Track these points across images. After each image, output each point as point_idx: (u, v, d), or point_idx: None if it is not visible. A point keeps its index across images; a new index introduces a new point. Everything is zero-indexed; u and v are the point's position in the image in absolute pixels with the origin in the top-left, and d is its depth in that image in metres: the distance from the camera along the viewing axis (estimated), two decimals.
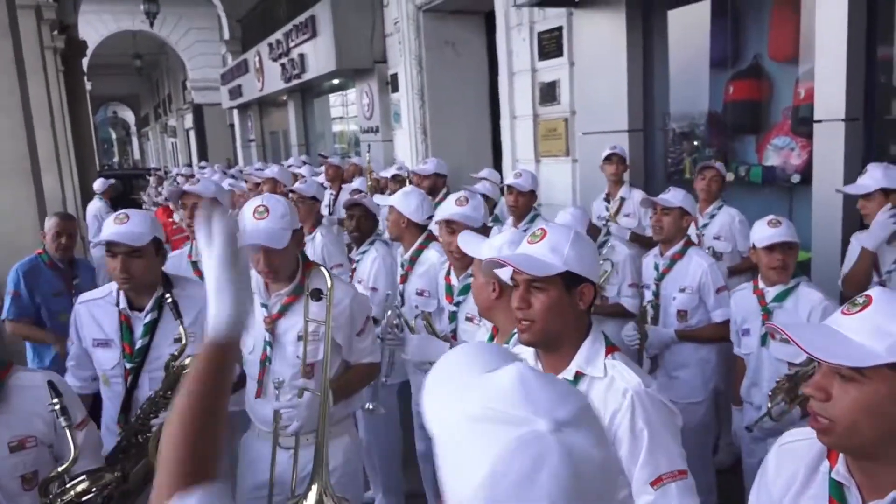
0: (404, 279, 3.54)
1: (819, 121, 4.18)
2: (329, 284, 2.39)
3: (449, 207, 3.10)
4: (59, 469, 1.94)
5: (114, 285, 2.58)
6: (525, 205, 4.49)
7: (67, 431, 1.96)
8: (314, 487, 2.22)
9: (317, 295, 2.38)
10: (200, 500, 1.01)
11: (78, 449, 1.98)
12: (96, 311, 2.59)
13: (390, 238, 3.90)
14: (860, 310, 1.22)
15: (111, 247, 2.45)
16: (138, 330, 2.54)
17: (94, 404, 2.69)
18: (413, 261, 3.53)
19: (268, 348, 2.50)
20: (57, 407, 1.95)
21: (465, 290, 2.96)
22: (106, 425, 2.60)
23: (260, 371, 2.51)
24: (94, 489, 1.92)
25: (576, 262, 1.70)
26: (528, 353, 1.84)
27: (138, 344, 2.53)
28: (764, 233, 2.96)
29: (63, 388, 2.08)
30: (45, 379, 2.06)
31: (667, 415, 1.69)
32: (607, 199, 5.23)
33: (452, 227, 2.99)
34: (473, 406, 0.80)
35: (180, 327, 2.47)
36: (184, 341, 2.45)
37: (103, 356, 2.58)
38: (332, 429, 2.44)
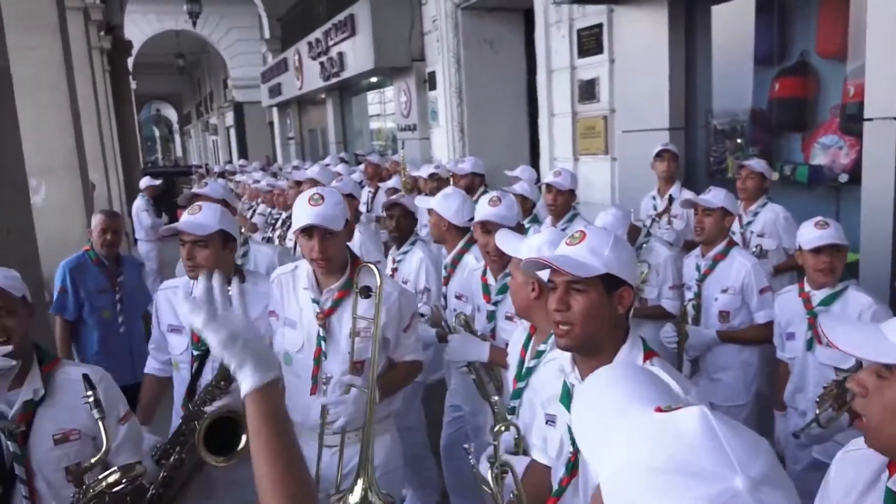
0: (446, 281, 3.54)
1: (870, 119, 4.06)
2: (378, 282, 2.37)
3: (483, 208, 3.09)
4: (93, 460, 1.98)
5: None
6: (564, 204, 4.46)
7: (100, 423, 1.97)
8: (359, 483, 2.22)
9: (366, 292, 2.39)
10: None
11: (111, 440, 2.00)
12: (173, 299, 2.76)
13: (433, 240, 3.90)
14: None
15: (181, 235, 2.62)
16: None
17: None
18: (455, 264, 3.53)
19: (322, 344, 2.51)
20: (91, 399, 1.98)
21: (503, 289, 2.95)
22: (175, 409, 2.74)
23: (314, 367, 2.51)
24: (124, 480, 1.95)
25: (616, 264, 1.67)
26: (565, 358, 1.81)
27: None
28: (811, 234, 2.89)
29: (104, 384, 2.12)
30: (92, 371, 2.12)
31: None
32: (655, 198, 5.14)
33: (487, 227, 2.98)
34: (658, 455, 0.74)
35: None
36: None
37: (175, 341, 2.75)
38: (376, 426, 2.43)
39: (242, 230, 5.65)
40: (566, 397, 1.77)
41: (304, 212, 2.42)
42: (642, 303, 3.77)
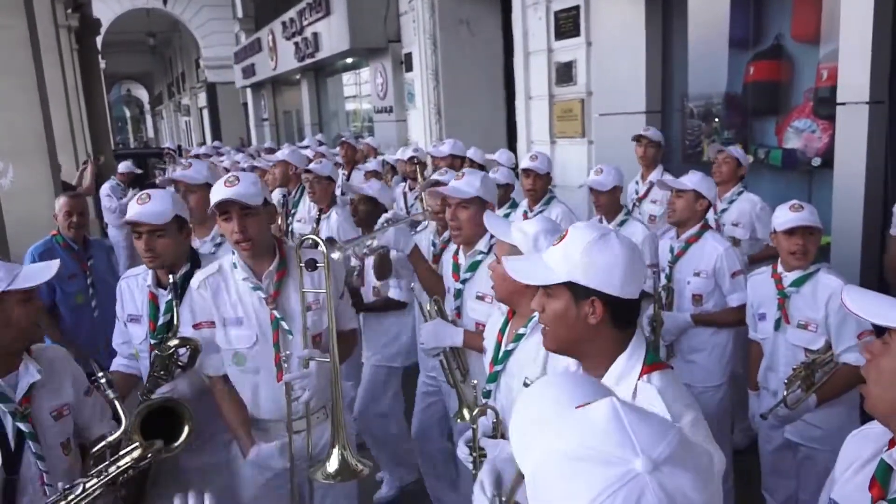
0: (437, 259, 3.49)
1: (842, 103, 4.11)
2: (325, 252, 2.30)
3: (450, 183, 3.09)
4: (110, 438, 2.12)
5: None
6: (542, 188, 4.45)
7: (117, 403, 2.14)
8: (335, 450, 2.23)
9: (312, 265, 2.34)
10: None
11: (126, 417, 2.13)
12: (133, 287, 2.72)
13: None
14: None
15: (135, 227, 2.55)
16: (162, 307, 2.61)
17: None
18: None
19: (280, 324, 2.45)
20: (104, 380, 2.14)
21: (472, 267, 2.94)
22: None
23: (276, 354, 2.46)
24: (148, 455, 2.07)
25: (582, 272, 1.54)
26: (573, 361, 1.74)
27: (160, 321, 2.61)
28: (785, 217, 2.92)
29: (71, 361, 2.28)
30: (56, 348, 2.31)
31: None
32: (638, 183, 5.15)
33: (448, 201, 2.96)
34: (569, 444, 0.79)
35: (175, 307, 2.54)
36: (175, 321, 2.51)
37: (134, 331, 2.71)
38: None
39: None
40: None
41: (219, 191, 2.38)
42: None
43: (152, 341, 2.60)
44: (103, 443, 2.14)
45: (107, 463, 2.05)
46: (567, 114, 6.76)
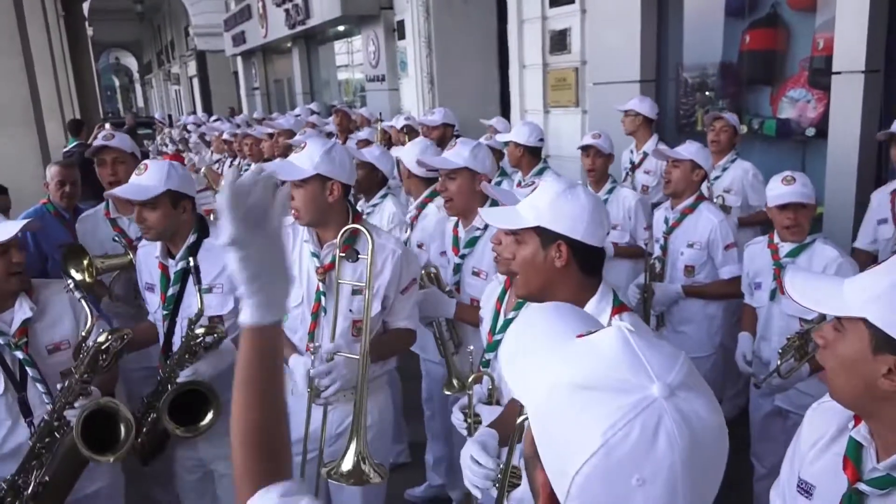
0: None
1: (838, 72, 4.08)
2: (371, 247, 2.23)
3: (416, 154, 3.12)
4: (83, 333, 2.31)
5: None
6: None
7: (83, 303, 2.31)
8: (352, 448, 2.16)
9: (353, 255, 2.32)
10: (283, 491, 1.00)
11: (94, 316, 2.33)
12: (148, 257, 2.70)
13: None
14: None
15: (130, 199, 2.57)
16: (171, 278, 2.62)
17: None
18: (418, 213, 3.50)
19: (322, 299, 2.42)
20: (71, 286, 2.33)
21: (471, 242, 2.93)
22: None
23: (312, 323, 2.43)
24: (110, 338, 2.26)
25: (549, 217, 1.67)
26: None
27: (169, 292, 2.61)
28: (777, 190, 2.90)
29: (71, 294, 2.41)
30: (62, 285, 2.42)
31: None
32: (633, 152, 5.11)
33: (439, 172, 2.94)
34: (578, 373, 0.76)
35: (197, 292, 2.52)
36: (199, 307, 2.47)
37: (150, 300, 2.72)
38: (369, 385, 2.36)
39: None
40: None
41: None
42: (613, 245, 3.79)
43: (164, 312, 2.59)
44: (79, 338, 2.33)
45: (80, 356, 2.25)
46: (561, 83, 6.70)
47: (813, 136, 4.75)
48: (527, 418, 0.80)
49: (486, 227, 2.86)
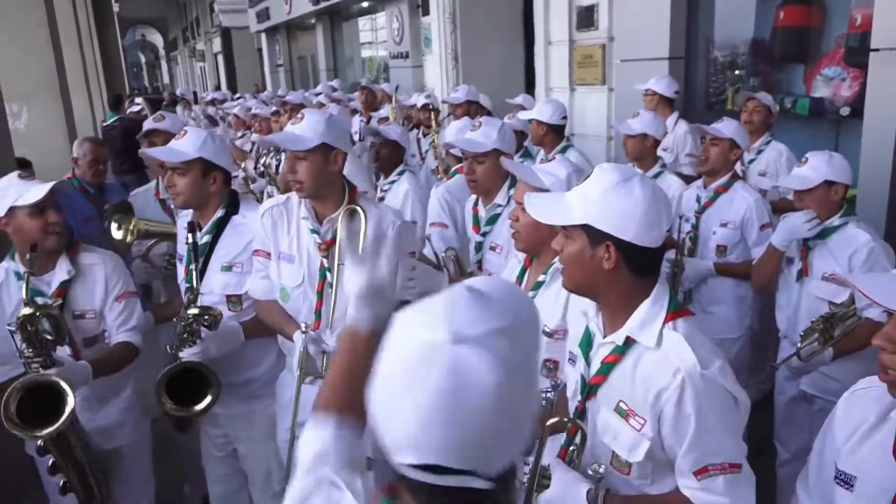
0: None
1: (876, 49, 3.94)
2: (363, 223, 2.23)
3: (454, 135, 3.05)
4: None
5: None
6: (545, 137, 4.34)
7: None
8: None
9: (354, 237, 2.26)
10: (338, 426, 1.15)
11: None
12: (182, 228, 2.69)
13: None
14: None
15: (164, 161, 2.61)
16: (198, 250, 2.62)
17: None
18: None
19: (327, 275, 2.37)
20: None
21: (492, 220, 2.89)
22: None
23: (318, 302, 2.40)
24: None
25: (599, 216, 1.50)
26: (592, 306, 1.70)
27: (192, 265, 2.60)
28: (792, 173, 2.86)
29: (113, 262, 2.60)
30: (101, 256, 2.55)
31: (723, 402, 1.49)
32: None
33: (465, 154, 2.90)
34: (408, 313, 0.87)
35: (195, 271, 2.52)
36: (194, 285, 2.47)
37: (179, 270, 2.74)
38: None
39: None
40: (586, 344, 1.68)
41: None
42: None
43: (186, 285, 2.59)
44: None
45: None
46: (587, 60, 6.57)
47: (847, 116, 4.61)
48: None
49: (508, 202, 2.82)
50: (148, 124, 3.82)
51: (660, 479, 1.58)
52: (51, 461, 2.32)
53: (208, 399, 2.43)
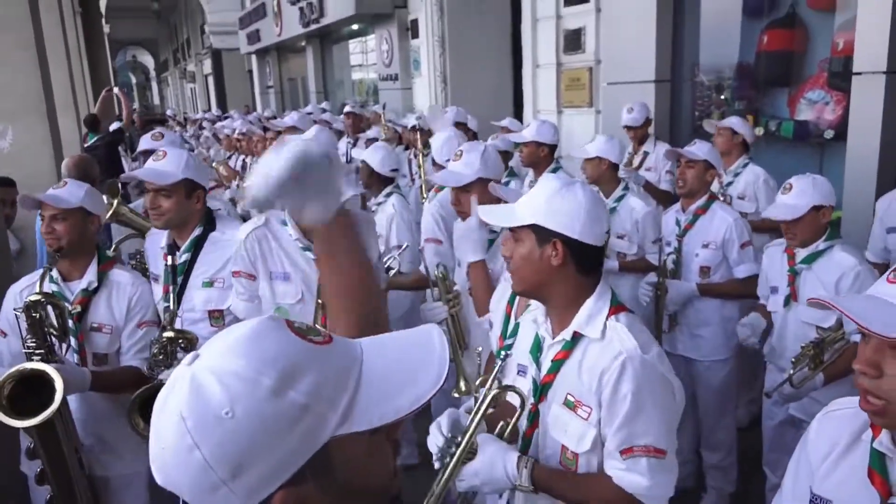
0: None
1: (858, 73, 3.99)
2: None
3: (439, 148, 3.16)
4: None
5: None
6: (545, 159, 4.36)
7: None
8: None
9: None
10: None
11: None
12: (154, 246, 2.71)
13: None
14: None
15: (144, 182, 2.60)
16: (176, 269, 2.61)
17: None
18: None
19: None
20: None
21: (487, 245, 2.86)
22: None
23: (322, 316, 2.41)
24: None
25: (545, 215, 1.64)
26: (539, 310, 1.80)
27: (171, 286, 2.60)
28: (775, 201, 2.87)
29: (140, 288, 2.57)
30: (133, 279, 2.56)
31: (660, 386, 1.59)
32: (630, 153, 5.10)
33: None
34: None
35: (173, 293, 2.52)
36: (171, 306, 2.47)
37: (156, 290, 2.71)
38: None
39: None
40: (536, 349, 1.77)
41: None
42: (620, 258, 3.72)
43: (164, 304, 2.58)
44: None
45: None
46: (575, 83, 6.63)
47: (831, 139, 4.65)
48: None
49: (502, 229, 2.80)
50: (145, 143, 3.85)
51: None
52: (38, 469, 2.28)
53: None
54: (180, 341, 2.39)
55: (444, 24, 8.64)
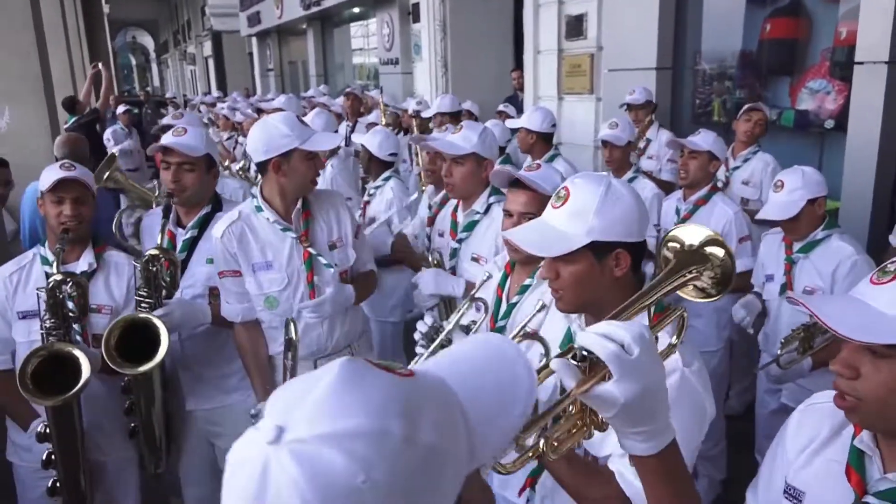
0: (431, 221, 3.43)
1: (860, 62, 3.96)
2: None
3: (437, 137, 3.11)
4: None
5: None
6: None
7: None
8: None
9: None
10: None
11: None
12: (154, 225, 2.68)
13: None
14: (892, 279, 1.10)
15: (166, 156, 2.57)
16: (178, 246, 2.61)
17: None
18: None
19: (314, 263, 2.46)
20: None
21: (469, 227, 2.87)
22: None
23: (311, 292, 2.47)
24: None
25: (603, 228, 1.46)
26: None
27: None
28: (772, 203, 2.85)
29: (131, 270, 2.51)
30: (128, 259, 2.54)
31: (695, 405, 1.46)
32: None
33: (444, 156, 2.91)
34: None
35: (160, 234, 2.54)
36: (158, 243, 2.51)
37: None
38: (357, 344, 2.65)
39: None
40: (568, 342, 1.64)
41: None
42: None
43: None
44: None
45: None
46: (576, 69, 6.59)
47: (832, 129, 4.64)
48: None
49: (487, 211, 2.81)
50: (167, 119, 3.91)
51: None
52: (46, 452, 2.30)
53: (161, 350, 2.29)
54: (161, 258, 2.41)
55: (446, 9, 8.59)
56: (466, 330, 2.06)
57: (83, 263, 2.47)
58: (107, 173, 3.62)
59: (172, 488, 3.24)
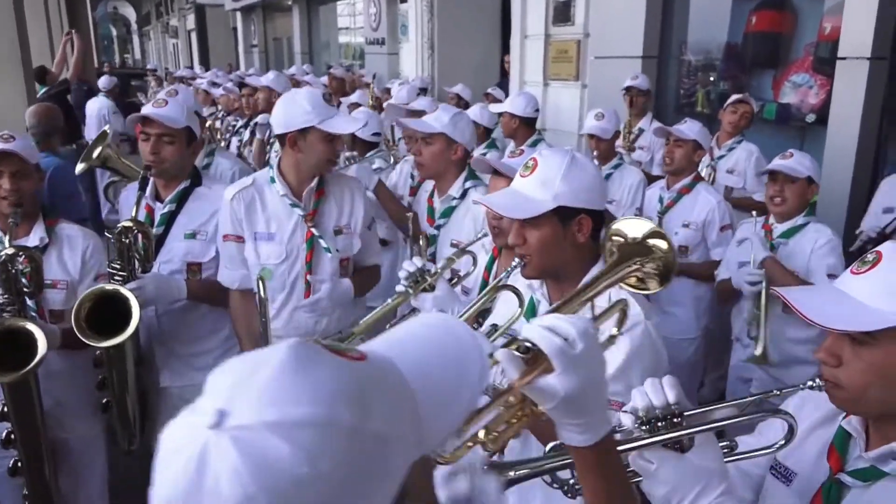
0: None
1: (843, 58, 4.00)
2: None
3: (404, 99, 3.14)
4: None
5: None
6: (517, 130, 4.37)
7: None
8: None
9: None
10: None
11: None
12: (130, 197, 2.64)
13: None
14: (869, 268, 1.14)
15: (146, 126, 2.52)
16: (156, 220, 2.59)
17: None
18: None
19: (315, 245, 2.45)
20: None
21: (447, 213, 2.87)
22: None
23: (307, 272, 2.47)
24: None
25: (569, 194, 1.61)
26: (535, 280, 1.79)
27: (154, 233, 2.57)
28: (772, 162, 2.90)
29: (92, 242, 2.46)
30: (82, 232, 2.46)
31: (655, 355, 1.60)
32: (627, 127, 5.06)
33: (415, 135, 2.97)
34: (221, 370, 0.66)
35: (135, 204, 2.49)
36: (133, 216, 2.46)
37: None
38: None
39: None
40: (531, 311, 1.75)
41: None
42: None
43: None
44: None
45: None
46: (562, 55, 6.57)
47: (812, 123, 4.68)
48: None
49: (463, 196, 2.83)
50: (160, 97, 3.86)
51: None
52: (5, 432, 2.26)
53: (132, 323, 2.26)
54: (135, 231, 2.39)
55: None
56: (451, 279, 2.15)
57: (34, 238, 2.38)
58: (98, 150, 3.58)
59: (146, 465, 3.21)
